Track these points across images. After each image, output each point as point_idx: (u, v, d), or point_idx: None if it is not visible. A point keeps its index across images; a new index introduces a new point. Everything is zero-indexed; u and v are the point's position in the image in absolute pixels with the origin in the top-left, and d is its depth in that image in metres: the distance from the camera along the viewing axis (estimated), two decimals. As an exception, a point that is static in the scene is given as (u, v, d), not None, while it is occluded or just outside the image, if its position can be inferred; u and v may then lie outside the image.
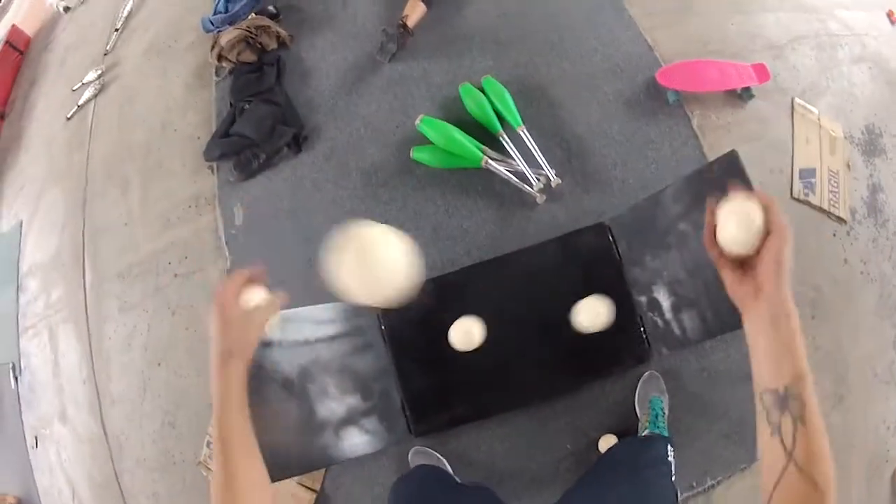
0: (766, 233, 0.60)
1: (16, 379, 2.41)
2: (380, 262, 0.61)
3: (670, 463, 1.18)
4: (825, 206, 1.92)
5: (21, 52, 3.13)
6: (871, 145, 2.11)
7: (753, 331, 0.60)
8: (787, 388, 0.55)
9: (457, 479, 1.59)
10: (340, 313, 1.58)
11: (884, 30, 2.40)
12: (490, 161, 1.79)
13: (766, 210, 0.60)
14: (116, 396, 2.09)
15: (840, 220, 1.92)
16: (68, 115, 2.57)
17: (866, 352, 1.83)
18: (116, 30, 2.65)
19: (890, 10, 2.45)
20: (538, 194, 1.78)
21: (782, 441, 0.55)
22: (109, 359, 2.12)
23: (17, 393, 2.40)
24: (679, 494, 1.24)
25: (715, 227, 0.64)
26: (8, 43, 3.03)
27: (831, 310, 1.82)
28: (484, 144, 1.84)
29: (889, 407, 1.82)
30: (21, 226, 2.56)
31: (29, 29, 3.21)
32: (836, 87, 2.16)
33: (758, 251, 0.61)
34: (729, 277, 0.63)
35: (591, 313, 1.52)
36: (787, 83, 2.07)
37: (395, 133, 1.96)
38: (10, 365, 2.39)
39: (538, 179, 1.79)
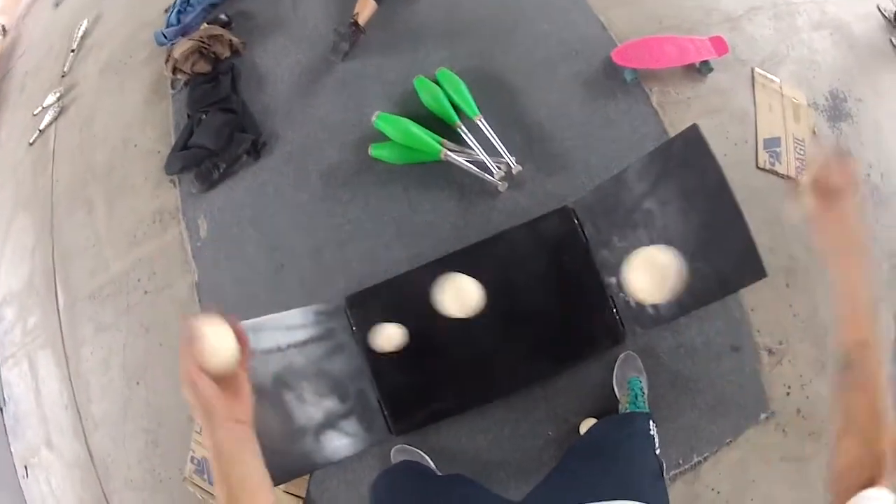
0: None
1: (0, 410, 2.40)
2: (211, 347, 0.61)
3: (652, 437, 1.16)
4: (793, 174, 1.92)
5: (-18, 82, 3.10)
6: (835, 110, 2.11)
7: (833, 262, 0.65)
8: (849, 353, 0.60)
9: (438, 472, 1.59)
10: (310, 317, 1.57)
11: (844, -6, 2.40)
12: (449, 153, 1.79)
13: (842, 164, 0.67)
14: (99, 419, 2.08)
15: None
16: (31, 141, 2.54)
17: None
18: (72, 51, 2.62)
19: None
20: (500, 182, 1.78)
21: (840, 403, 0.59)
22: (88, 381, 2.11)
23: (3, 424, 2.38)
24: (665, 468, 1.23)
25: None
26: (-32, 74, 3.00)
27: (806, 276, 1.82)
28: (443, 137, 1.82)
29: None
30: (-8, 255, 2.54)
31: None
32: (797, 54, 2.16)
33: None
34: (812, 204, 0.69)
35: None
36: (745, 54, 2.07)
37: (353, 132, 1.95)
38: (-6, 397, 2.38)
39: (499, 168, 1.78)
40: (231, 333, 0.62)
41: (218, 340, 0.60)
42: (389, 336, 1.44)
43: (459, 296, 1.30)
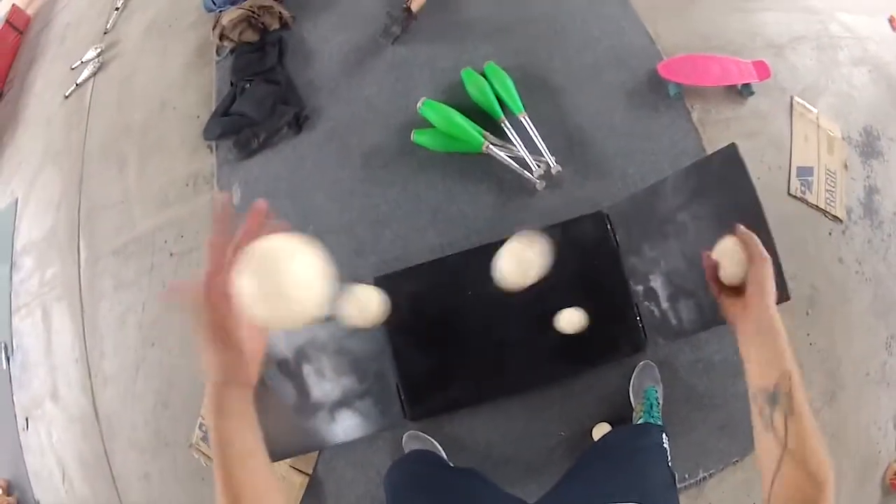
0: (749, 262, 0.70)
1: (7, 359, 2.39)
2: (286, 278, 0.46)
3: (665, 450, 1.17)
4: (822, 205, 1.93)
5: (20, 32, 3.11)
6: (868, 147, 2.12)
7: (744, 341, 0.68)
8: (776, 386, 0.62)
9: (450, 463, 1.59)
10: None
11: (885, 35, 2.41)
12: (491, 146, 1.79)
13: (747, 244, 0.70)
14: (109, 375, 2.08)
15: (836, 219, 1.94)
16: (66, 94, 2.54)
17: (859, 351, 1.84)
18: (117, 9, 2.63)
19: (892, 16, 2.47)
20: (538, 181, 1.78)
21: (776, 433, 0.60)
22: (103, 337, 2.11)
23: (9, 373, 2.37)
24: (677, 480, 1.24)
25: (715, 267, 0.74)
26: (8, 23, 3.00)
27: (826, 308, 1.83)
28: (486, 130, 1.83)
29: (880, 407, 1.83)
30: (16, 203, 2.53)
31: (29, 9, 3.19)
32: (836, 88, 2.17)
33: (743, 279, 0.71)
34: (724, 303, 0.73)
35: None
36: (786, 82, 2.08)
37: (397, 116, 1.96)
38: (2, 345, 2.37)
39: (538, 166, 1.79)
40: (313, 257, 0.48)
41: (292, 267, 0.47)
42: (570, 319, 1.41)
43: (521, 263, 1.19)
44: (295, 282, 0.46)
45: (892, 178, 2.10)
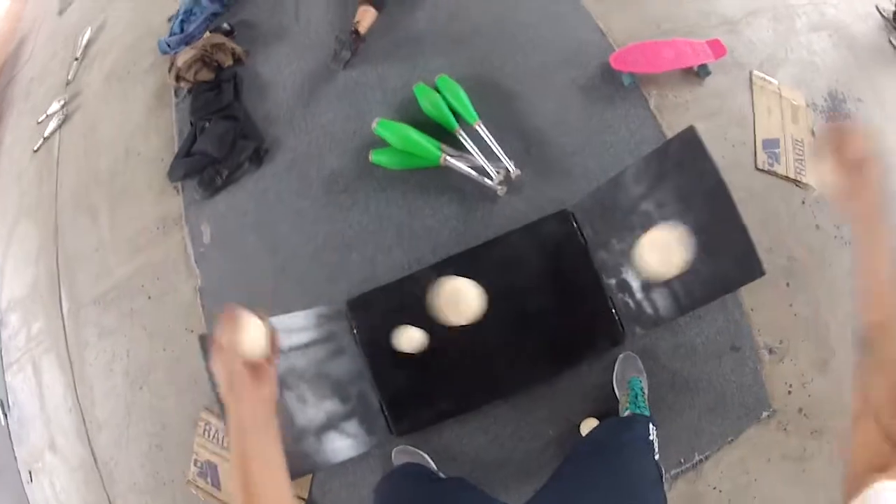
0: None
1: (5, 415, 2.41)
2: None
3: (652, 442, 1.17)
4: (792, 175, 1.93)
5: (-12, 88, 3.13)
6: (835, 111, 2.12)
7: (854, 260, 0.65)
8: (868, 335, 0.58)
9: (441, 474, 1.59)
10: (312, 320, 1.59)
11: (844, -4, 2.41)
12: (449, 158, 1.80)
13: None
14: (102, 422, 2.09)
15: (809, 186, 1.93)
16: (35, 148, 2.57)
17: (846, 314, 1.83)
18: (76, 59, 2.65)
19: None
20: (499, 187, 1.79)
21: (861, 384, 0.57)
22: (92, 386, 2.13)
23: (8, 429, 2.40)
24: (665, 472, 1.24)
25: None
26: (-26, 80, 3.03)
27: (807, 276, 1.83)
28: (442, 143, 1.84)
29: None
30: (-3, 262, 2.56)
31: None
32: (796, 56, 2.17)
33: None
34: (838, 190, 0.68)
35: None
36: (744, 57, 2.08)
37: (353, 139, 1.97)
38: (-1, 402, 2.40)
39: (498, 173, 1.79)
40: (264, 327, 0.66)
41: (254, 329, 0.64)
42: (410, 338, 1.43)
43: (458, 302, 1.21)
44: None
45: (862, 139, 2.10)
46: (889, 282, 0.60)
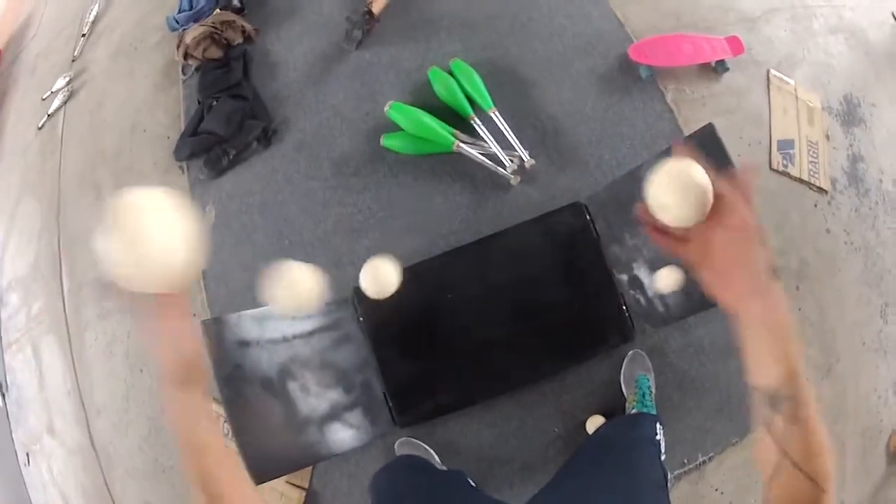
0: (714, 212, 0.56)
1: (3, 396, 2.39)
2: (151, 235, 0.45)
3: (659, 442, 1.16)
4: (805, 177, 1.91)
5: (-7, 65, 3.09)
6: (849, 115, 2.10)
7: (740, 328, 0.57)
8: (777, 388, 0.53)
9: (443, 467, 1.57)
10: (318, 307, 1.56)
11: (861, 1, 2.38)
12: (462, 145, 1.77)
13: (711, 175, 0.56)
14: (101, 406, 2.07)
15: (821, 190, 1.91)
16: (39, 125, 2.53)
17: (853, 321, 1.82)
18: (83, 35, 2.60)
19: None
20: (512, 176, 1.76)
21: (775, 439, 0.53)
22: (91, 368, 2.09)
23: (6, 410, 2.37)
24: (669, 474, 1.22)
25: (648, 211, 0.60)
26: (-22, 57, 2.99)
27: (816, 280, 1.81)
28: (456, 128, 1.81)
29: (879, 375, 1.82)
30: (-1, 240, 2.53)
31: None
32: (812, 58, 2.14)
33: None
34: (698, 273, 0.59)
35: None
36: (761, 55, 2.05)
37: (365, 121, 1.93)
38: (-2, 383, 2.37)
39: (511, 161, 1.76)
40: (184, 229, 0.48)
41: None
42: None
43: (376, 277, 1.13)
44: (156, 239, 0.44)
45: (876, 144, 2.08)
46: (789, 329, 0.55)
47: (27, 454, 2.29)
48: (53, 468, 2.19)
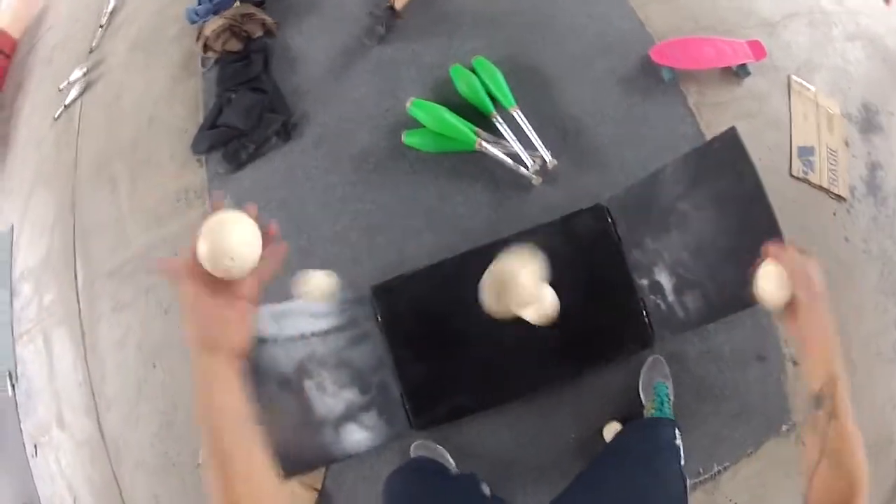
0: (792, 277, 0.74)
1: (13, 387, 2.38)
2: (228, 239, 0.54)
3: (678, 447, 1.16)
4: (825, 185, 1.90)
5: (8, 56, 3.09)
6: (868, 123, 2.08)
7: (794, 341, 0.74)
8: (821, 389, 0.65)
9: (456, 470, 1.56)
10: (336, 305, 1.55)
11: (877, 8, 2.38)
12: (484, 143, 1.76)
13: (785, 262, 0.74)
14: (112, 398, 2.05)
15: (840, 198, 1.90)
16: (55, 116, 2.52)
17: (870, 330, 1.80)
18: (101, 26, 2.60)
19: (883, -11, 2.42)
20: (534, 176, 1.75)
21: (818, 435, 0.63)
22: (104, 360, 2.08)
23: (15, 401, 2.36)
24: (688, 481, 1.21)
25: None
26: (-6, 47, 2.98)
27: (833, 288, 1.76)
28: (477, 126, 1.80)
29: (894, 386, 1.80)
30: (12, 230, 2.52)
31: (15, 32, 3.16)
32: (831, 64, 2.13)
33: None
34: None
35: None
36: (781, 60, 2.04)
37: (386, 117, 1.92)
38: (7, 373, 2.35)
39: (533, 161, 1.75)
40: (253, 226, 0.55)
41: (232, 230, 0.53)
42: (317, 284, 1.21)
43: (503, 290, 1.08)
44: (235, 242, 0.53)
45: (895, 152, 2.06)
46: (832, 337, 0.69)
47: (35, 445, 2.27)
48: (61, 460, 2.17)
